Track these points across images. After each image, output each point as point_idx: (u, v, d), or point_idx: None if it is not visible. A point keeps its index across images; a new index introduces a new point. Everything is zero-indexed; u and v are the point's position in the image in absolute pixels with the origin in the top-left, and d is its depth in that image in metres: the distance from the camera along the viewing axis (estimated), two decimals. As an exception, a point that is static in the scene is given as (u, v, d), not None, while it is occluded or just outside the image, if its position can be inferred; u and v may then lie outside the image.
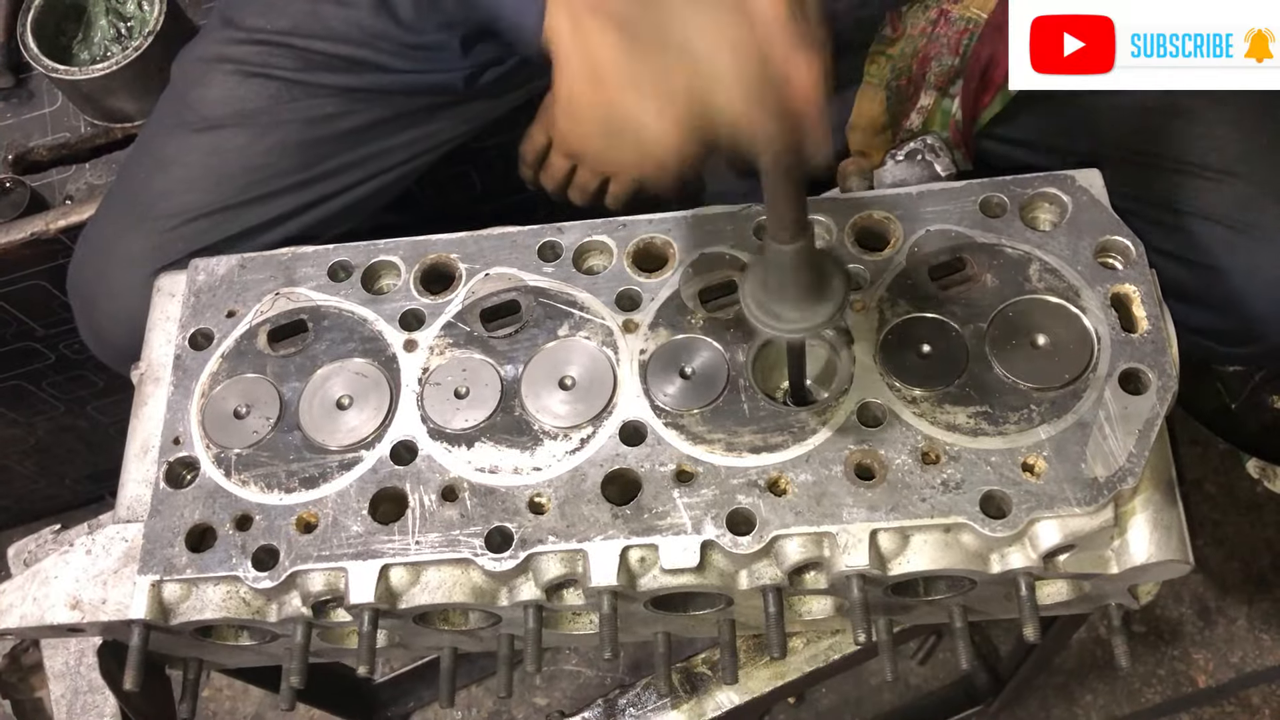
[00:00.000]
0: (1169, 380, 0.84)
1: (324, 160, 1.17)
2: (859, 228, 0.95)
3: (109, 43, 1.52)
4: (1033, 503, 0.81)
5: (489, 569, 0.85)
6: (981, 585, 0.87)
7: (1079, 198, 0.93)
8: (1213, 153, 1.05)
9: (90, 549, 0.93)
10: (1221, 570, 1.95)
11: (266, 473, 0.92)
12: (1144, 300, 0.88)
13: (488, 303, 0.96)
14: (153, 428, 0.97)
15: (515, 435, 0.90)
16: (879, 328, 0.90)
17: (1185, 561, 0.84)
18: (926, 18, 1.13)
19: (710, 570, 0.85)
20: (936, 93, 1.15)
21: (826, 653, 1.14)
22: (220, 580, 0.89)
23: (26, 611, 0.92)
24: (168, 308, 1.03)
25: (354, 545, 0.87)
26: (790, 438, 0.86)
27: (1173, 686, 1.88)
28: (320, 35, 1.15)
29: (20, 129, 1.57)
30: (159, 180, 1.16)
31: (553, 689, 1.97)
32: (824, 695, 1.92)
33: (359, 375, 0.95)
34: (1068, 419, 0.84)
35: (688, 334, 0.92)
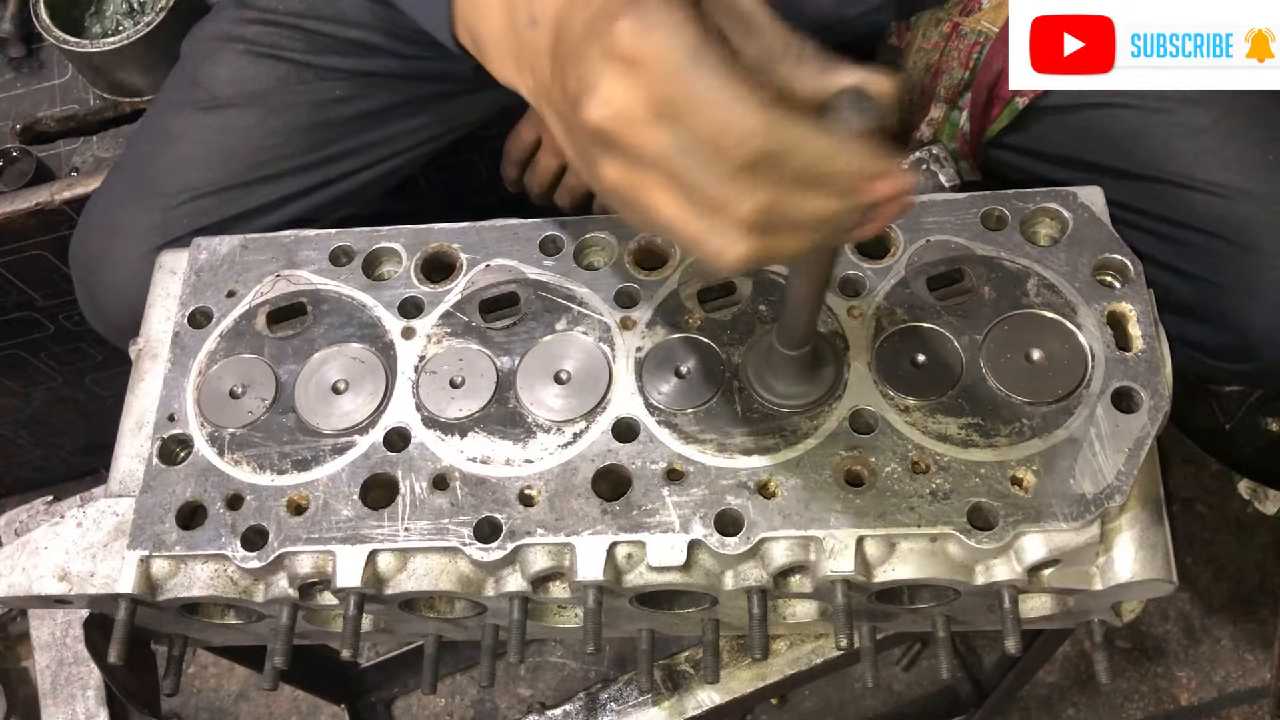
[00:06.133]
0: (1161, 400, 0.85)
1: (331, 143, 1.17)
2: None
3: (121, 16, 1.52)
4: (1020, 516, 0.82)
5: (476, 559, 0.86)
6: (965, 596, 0.87)
7: (1080, 214, 0.93)
8: (1219, 168, 1.05)
9: (81, 521, 0.93)
10: (1209, 589, 1.96)
11: (259, 453, 0.92)
12: (1140, 319, 0.88)
13: (487, 294, 0.96)
14: (148, 404, 0.97)
15: (508, 427, 0.90)
16: (874, 335, 0.90)
17: (1169, 581, 0.84)
18: (939, 32, 1.13)
19: (696, 569, 0.86)
20: (946, 105, 1.15)
21: (809, 656, 1.14)
22: (209, 558, 0.90)
23: (15, 581, 0.93)
24: (168, 285, 1.03)
25: (343, 529, 0.88)
26: (782, 441, 0.86)
27: (1155, 703, 1.89)
28: (331, 18, 1.15)
29: (29, 99, 1.57)
30: (165, 156, 1.16)
31: (536, 680, 1.98)
32: (806, 697, 1.93)
33: (356, 360, 0.95)
34: (1058, 434, 0.84)
35: (684, 333, 0.92)
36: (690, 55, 0.59)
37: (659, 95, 0.59)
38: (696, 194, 0.60)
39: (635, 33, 0.59)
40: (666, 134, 0.60)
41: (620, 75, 0.60)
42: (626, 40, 0.60)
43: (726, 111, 0.58)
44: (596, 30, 0.63)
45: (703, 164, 0.59)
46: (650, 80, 0.59)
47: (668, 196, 0.62)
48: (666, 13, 0.60)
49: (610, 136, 0.62)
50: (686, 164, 0.60)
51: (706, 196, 0.60)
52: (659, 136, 0.60)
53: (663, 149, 0.60)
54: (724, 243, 0.61)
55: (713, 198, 0.60)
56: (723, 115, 0.58)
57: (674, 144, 0.60)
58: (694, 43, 0.59)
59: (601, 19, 0.63)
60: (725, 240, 0.61)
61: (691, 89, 0.58)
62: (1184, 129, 1.07)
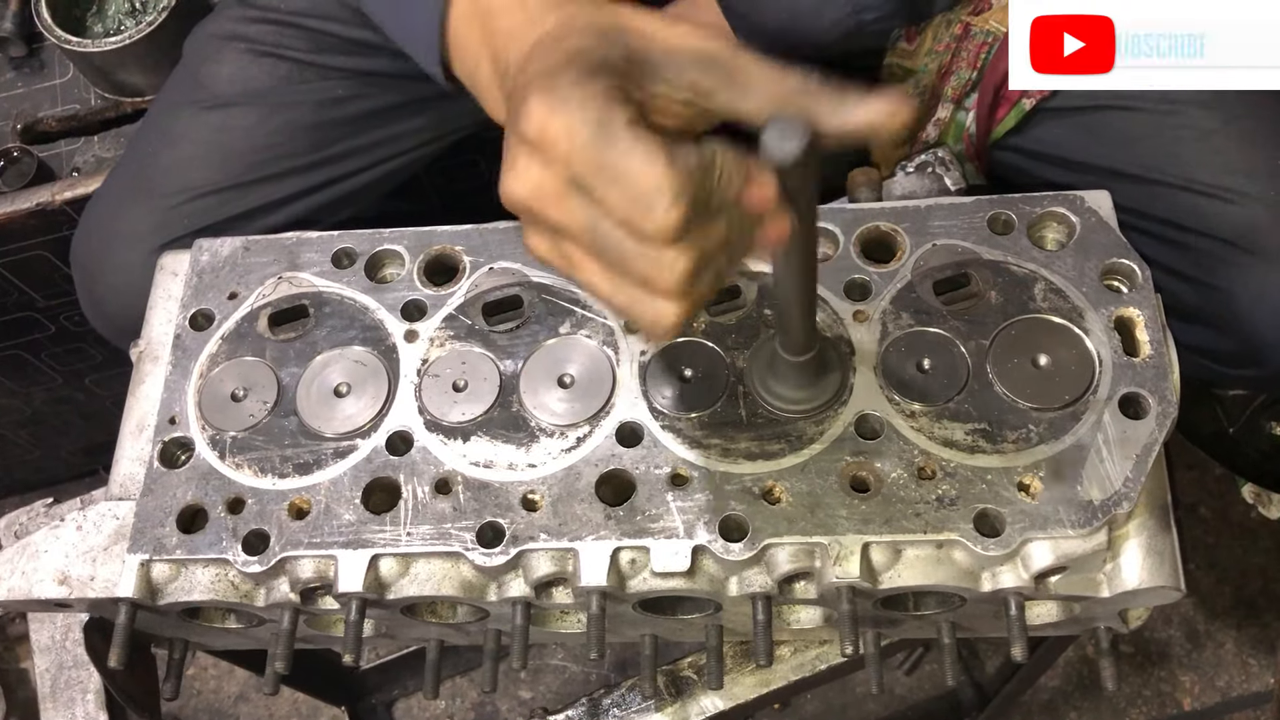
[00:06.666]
0: (1169, 406, 0.84)
1: (333, 143, 1.17)
2: (865, 238, 0.94)
3: (123, 16, 1.52)
4: (1026, 523, 0.81)
5: (479, 564, 0.85)
6: (971, 603, 0.87)
7: (1087, 219, 0.92)
8: (1225, 172, 1.05)
9: (81, 525, 0.93)
10: (1212, 594, 1.95)
11: (261, 457, 0.91)
12: (1148, 325, 0.88)
13: (490, 297, 0.96)
14: (149, 406, 0.96)
15: (512, 431, 0.90)
16: (880, 340, 0.90)
17: (1177, 588, 0.83)
18: (950, 34, 1.12)
19: (700, 575, 0.85)
20: (952, 105, 1.15)
21: (813, 662, 1.14)
22: (210, 562, 0.89)
23: (14, 584, 0.92)
24: (170, 286, 1.03)
25: (345, 534, 0.87)
26: (786, 446, 0.86)
27: (1158, 708, 1.88)
28: (334, 17, 1.14)
29: (30, 99, 1.56)
30: (166, 156, 1.15)
31: (538, 684, 1.97)
32: (808, 702, 1.92)
33: (358, 363, 0.94)
34: (1066, 440, 0.84)
35: (689, 337, 0.92)
36: (597, 130, 0.59)
37: (569, 174, 0.60)
38: (620, 266, 0.61)
39: (542, 112, 0.60)
40: (581, 209, 0.60)
41: (530, 155, 0.61)
42: (534, 120, 0.61)
43: (641, 185, 0.57)
44: (513, 107, 0.64)
45: (621, 238, 0.59)
46: (557, 158, 0.60)
47: (594, 268, 0.63)
48: (575, 89, 0.60)
49: (529, 213, 0.63)
50: (605, 238, 0.60)
51: (631, 269, 0.60)
52: (575, 212, 0.60)
53: (580, 224, 0.61)
54: (655, 313, 0.62)
55: (637, 271, 0.60)
56: (638, 189, 0.57)
57: (590, 219, 0.60)
58: (599, 117, 0.59)
59: (517, 96, 0.64)
60: (654, 310, 0.62)
61: (602, 165, 0.58)
62: (1190, 132, 1.07)
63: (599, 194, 0.59)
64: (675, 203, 0.57)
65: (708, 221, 0.60)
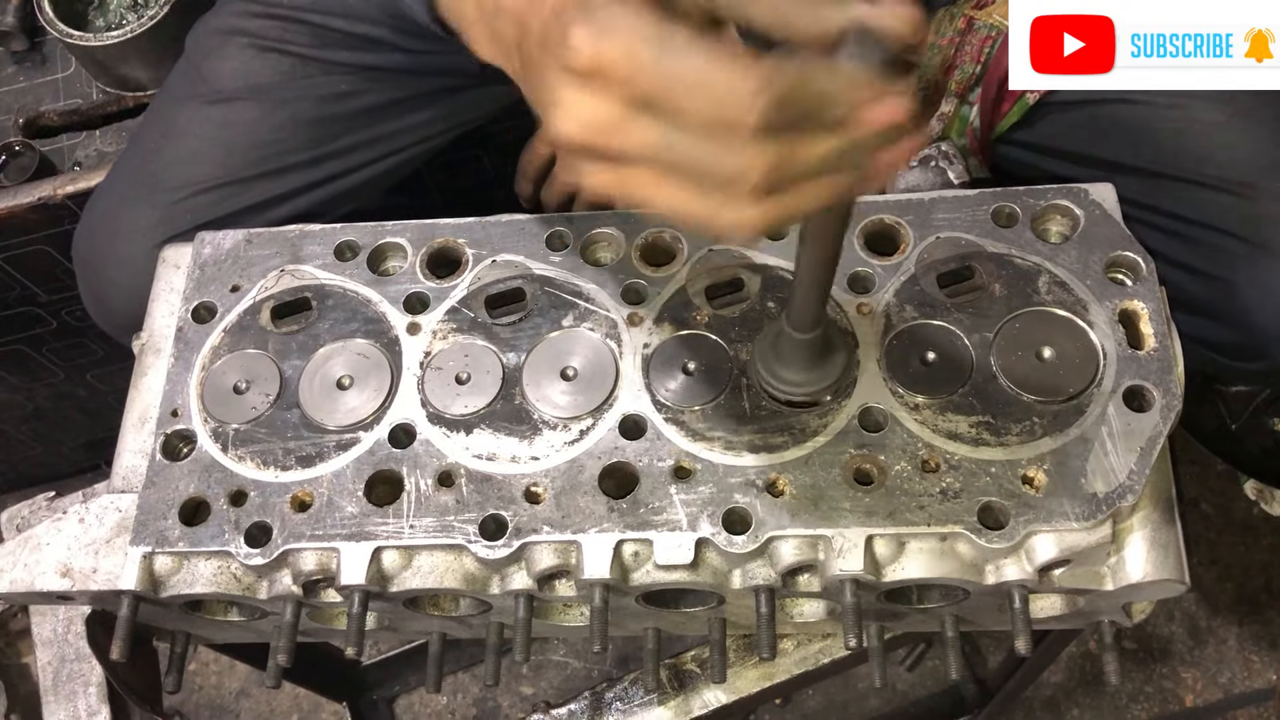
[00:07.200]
0: (1173, 399, 0.84)
1: (335, 138, 1.17)
2: (869, 231, 0.94)
3: (125, 10, 1.52)
4: (1031, 515, 0.81)
5: (482, 556, 0.85)
6: (975, 596, 0.87)
7: (1091, 211, 0.92)
8: (1230, 164, 1.05)
9: (83, 517, 0.93)
10: (1214, 590, 1.95)
11: (263, 449, 0.91)
12: (1152, 317, 0.87)
13: (493, 289, 0.96)
14: (151, 399, 0.96)
15: (514, 423, 0.90)
16: (884, 333, 0.89)
17: (1181, 581, 0.83)
18: (955, 28, 1.12)
19: (704, 568, 0.85)
20: (956, 99, 1.15)
21: (816, 656, 1.14)
22: (212, 555, 0.89)
23: (16, 577, 0.92)
24: (172, 279, 1.03)
25: (347, 526, 0.87)
26: (790, 439, 0.86)
27: (1160, 704, 1.88)
28: (337, 12, 1.14)
29: (32, 93, 1.56)
30: (168, 151, 1.15)
31: (539, 679, 1.97)
32: (810, 697, 1.92)
33: (361, 356, 0.94)
34: (1070, 433, 0.84)
35: (692, 330, 0.91)
36: (658, 45, 0.56)
37: (635, 95, 0.57)
38: (700, 176, 0.58)
39: (589, 41, 0.58)
40: (653, 129, 0.58)
41: (582, 88, 0.59)
42: (584, 52, 0.58)
43: (721, 85, 0.55)
44: (551, 43, 0.61)
45: (704, 145, 0.57)
46: (621, 84, 0.57)
47: (666, 186, 0.60)
48: (618, 10, 0.58)
49: (587, 148, 0.60)
50: (684, 151, 0.58)
51: (713, 175, 0.58)
52: (645, 133, 0.58)
53: (652, 144, 0.58)
54: (738, 216, 0.59)
55: (721, 175, 0.58)
56: (718, 90, 0.55)
57: (662, 136, 0.58)
58: (657, 31, 0.56)
59: (554, 29, 0.61)
60: (738, 213, 0.59)
61: (671, 77, 0.56)
62: (1196, 125, 1.06)
63: (673, 105, 0.57)
64: (761, 91, 0.55)
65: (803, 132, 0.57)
